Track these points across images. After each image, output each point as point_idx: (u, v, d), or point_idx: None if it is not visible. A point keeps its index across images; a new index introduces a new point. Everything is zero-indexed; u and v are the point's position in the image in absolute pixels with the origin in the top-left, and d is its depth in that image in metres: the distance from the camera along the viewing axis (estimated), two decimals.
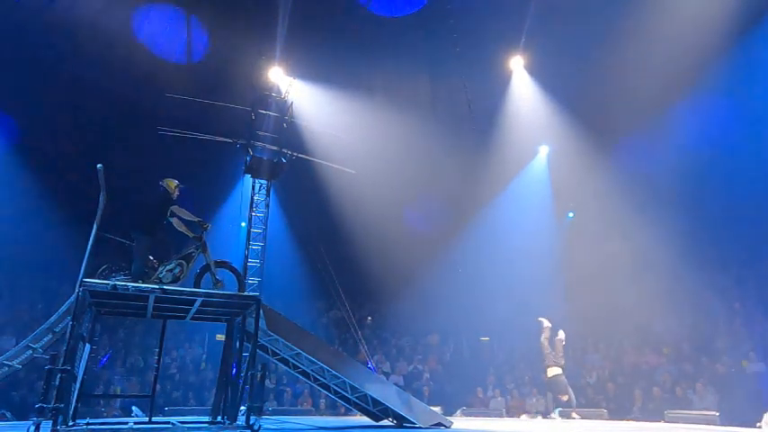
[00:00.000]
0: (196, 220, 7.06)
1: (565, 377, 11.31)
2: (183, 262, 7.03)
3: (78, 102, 14.40)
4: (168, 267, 6.92)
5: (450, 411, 11.81)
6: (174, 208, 6.95)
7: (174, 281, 6.90)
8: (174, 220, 6.99)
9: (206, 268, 7.17)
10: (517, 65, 14.70)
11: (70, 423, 6.36)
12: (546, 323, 11.72)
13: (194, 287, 6.98)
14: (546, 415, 11.99)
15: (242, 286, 7.85)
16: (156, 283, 6.67)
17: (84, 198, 8.19)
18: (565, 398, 11.18)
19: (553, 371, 11.34)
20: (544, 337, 11.59)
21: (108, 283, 6.23)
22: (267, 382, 11.57)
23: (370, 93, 15.15)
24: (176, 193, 7.17)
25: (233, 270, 7.56)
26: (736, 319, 12.53)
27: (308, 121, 13.64)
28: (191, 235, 7.07)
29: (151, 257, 6.90)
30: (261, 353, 7.66)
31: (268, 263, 10.98)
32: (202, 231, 7.12)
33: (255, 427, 6.26)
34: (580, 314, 14.04)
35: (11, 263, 13.45)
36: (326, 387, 8.29)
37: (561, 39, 13.59)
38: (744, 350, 11.49)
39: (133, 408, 10.84)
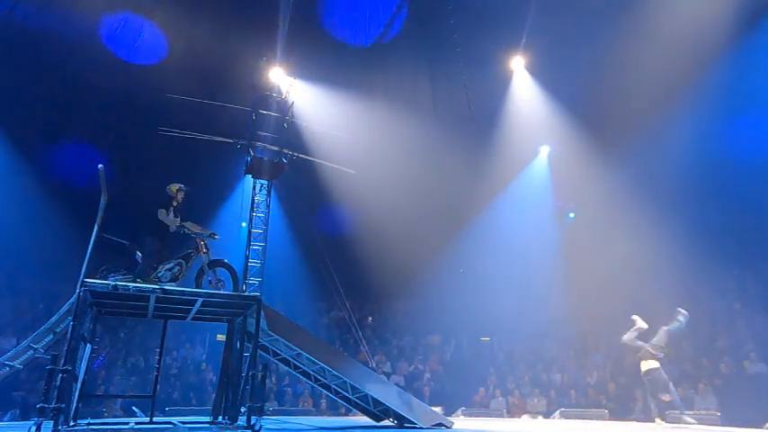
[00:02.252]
0: (195, 232, 7.14)
1: (664, 373, 9.38)
2: (182, 261, 7.07)
3: (79, 102, 14.42)
4: (167, 267, 6.95)
5: (450, 411, 11.80)
6: (161, 212, 6.98)
7: (173, 280, 6.93)
8: (188, 224, 7.08)
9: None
10: (518, 65, 14.67)
11: (71, 423, 6.38)
12: (639, 323, 9.80)
13: (195, 287, 7.00)
14: (548, 415, 11.94)
15: (236, 284, 7.82)
16: (154, 283, 6.69)
17: (84, 198, 8.21)
18: (666, 398, 9.29)
19: (648, 364, 9.41)
20: (627, 336, 9.79)
21: (109, 284, 6.24)
22: (268, 381, 11.56)
23: (371, 93, 15.15)
24: (179, 196, 7.21)
25: (228, 267, 7.55)
26: (738, 319, 12.50)
27: (308, 121, 13.64)
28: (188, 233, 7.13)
29: None
30: (262, 353, 7.65)
31: (269, 263, 10.98)
32: (207, 237, 7.20)
33: (256, 428, 6.25)
34: (581, 314, 14.04)
35: (12, 263, 13.47)
36: (327, 387, 8.27)
37: (562, 39, 13.58)
38: (745, 351, 11.47)
39: (134, 408, 10.84)
